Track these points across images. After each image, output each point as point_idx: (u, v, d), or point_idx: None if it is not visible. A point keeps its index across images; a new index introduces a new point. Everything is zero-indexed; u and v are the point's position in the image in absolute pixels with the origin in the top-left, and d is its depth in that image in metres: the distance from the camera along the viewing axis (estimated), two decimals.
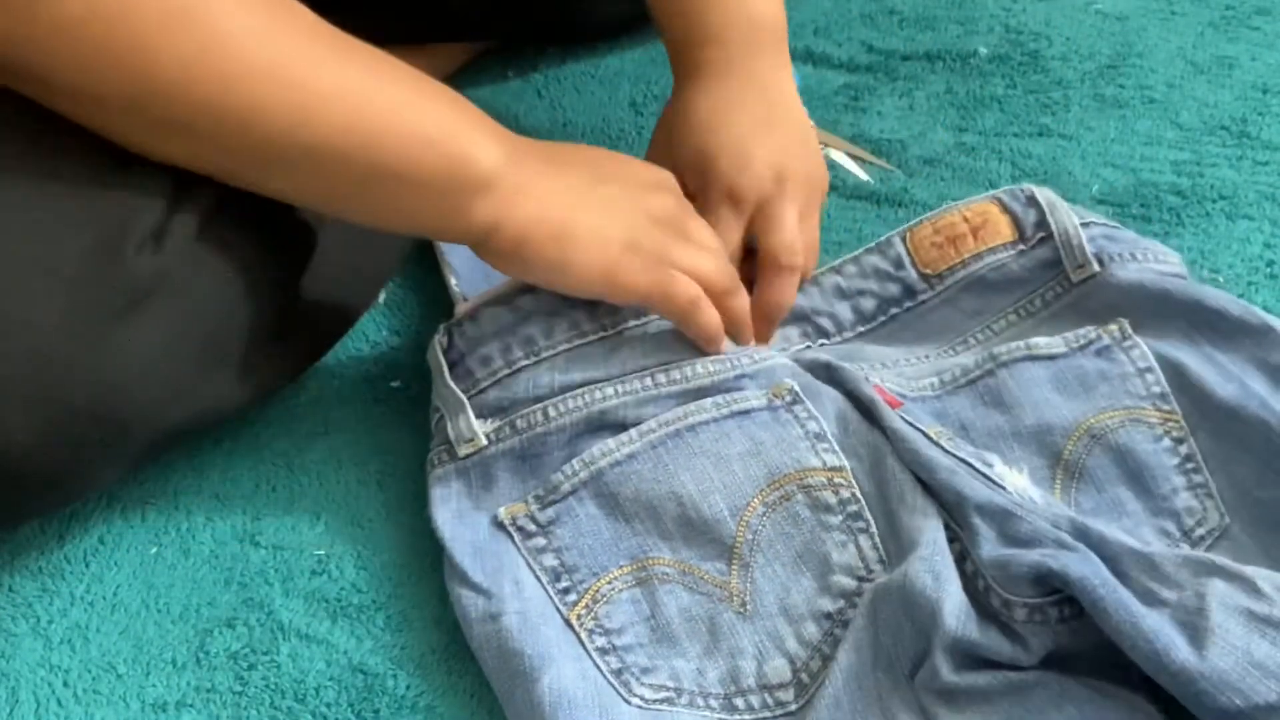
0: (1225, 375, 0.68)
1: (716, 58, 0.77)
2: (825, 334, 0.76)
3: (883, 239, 0.78)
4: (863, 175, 0.93)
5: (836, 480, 0.64)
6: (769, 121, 0.77)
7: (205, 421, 0.73)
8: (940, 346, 0.75)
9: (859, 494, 0.64)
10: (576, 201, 0.66)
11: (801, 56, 1.05)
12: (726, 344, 0.69)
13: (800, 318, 0.76)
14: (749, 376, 0.68)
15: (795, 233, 0.73)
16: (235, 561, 0.68)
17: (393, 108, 0.62)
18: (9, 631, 0.65)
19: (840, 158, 0.95)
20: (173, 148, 0.59)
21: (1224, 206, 0.88)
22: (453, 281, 0.80)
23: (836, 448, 0.65)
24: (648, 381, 0.67)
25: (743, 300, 0.70)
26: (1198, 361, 0.69)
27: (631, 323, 0.69)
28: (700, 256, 0.68)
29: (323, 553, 0.69)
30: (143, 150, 0.59)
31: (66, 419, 0.60)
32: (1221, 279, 0.82)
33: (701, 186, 0.74)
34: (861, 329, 0.76)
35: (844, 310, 0.77)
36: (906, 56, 1.04)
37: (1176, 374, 0.69)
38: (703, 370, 0.68)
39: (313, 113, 0.59)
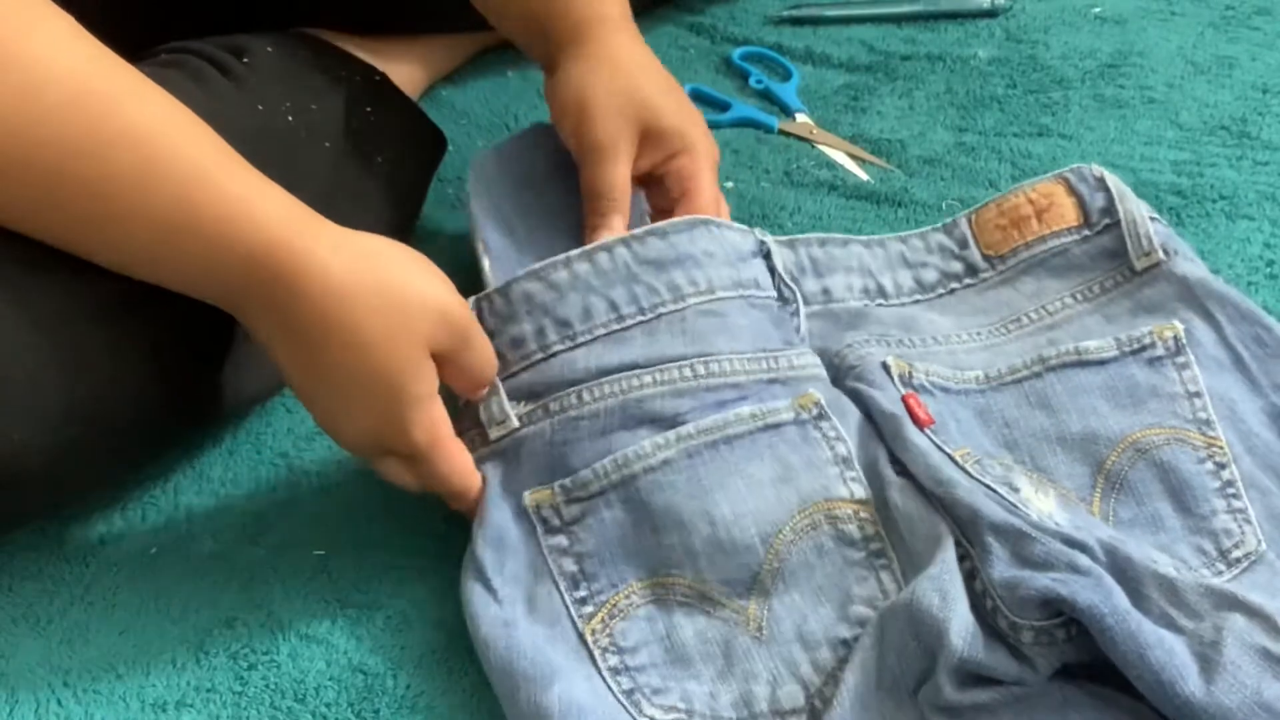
0: (1273, 413, 0.70)
1: (609, 13, 0.77)
2: (884, 294, 0.76)
3: (949, 220, 0.78)
4: (863, 175, 0.93)
5: (862, 515, 0.64)
6: (672, 84, 0.78)
7: (204, 423, 0.73)
8: (994, 323, 0.75)
9: (883, 531, 0.63)
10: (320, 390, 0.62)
11: (801, 56, 1.05)
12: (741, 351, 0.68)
13: (864, 271, 0.76)
14: (781, 383, 0.67)
15: (718, 194, 0.77)
16: (235, 561, 0.68)
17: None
18: (9, 631, 0.65)
19: (840, 158, 0.95)
20: None
21: (1224, 206, 0.88)
22: (485, 264, 0.77)
23: (863, 477, 0.65)
24: (686, 372, 0.66)
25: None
26: (1247, 396, 0.70)
27: (670, 306, 0.67)
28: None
29: (323, 553, 0.69)
30: None
31: (64, 419, 0.60)
32: (1221, 279, 0.82)
33: (626, 144, 0.75)
34: (919, 297, 0.77)
35: (905, 277, 0.77)
36: (906, 56, 1.04)
37: (1227, 407, 0.69)
38: (740, 367, 0.67)
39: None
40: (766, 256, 0.72)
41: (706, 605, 0.62)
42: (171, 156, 0.58)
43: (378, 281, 0.60)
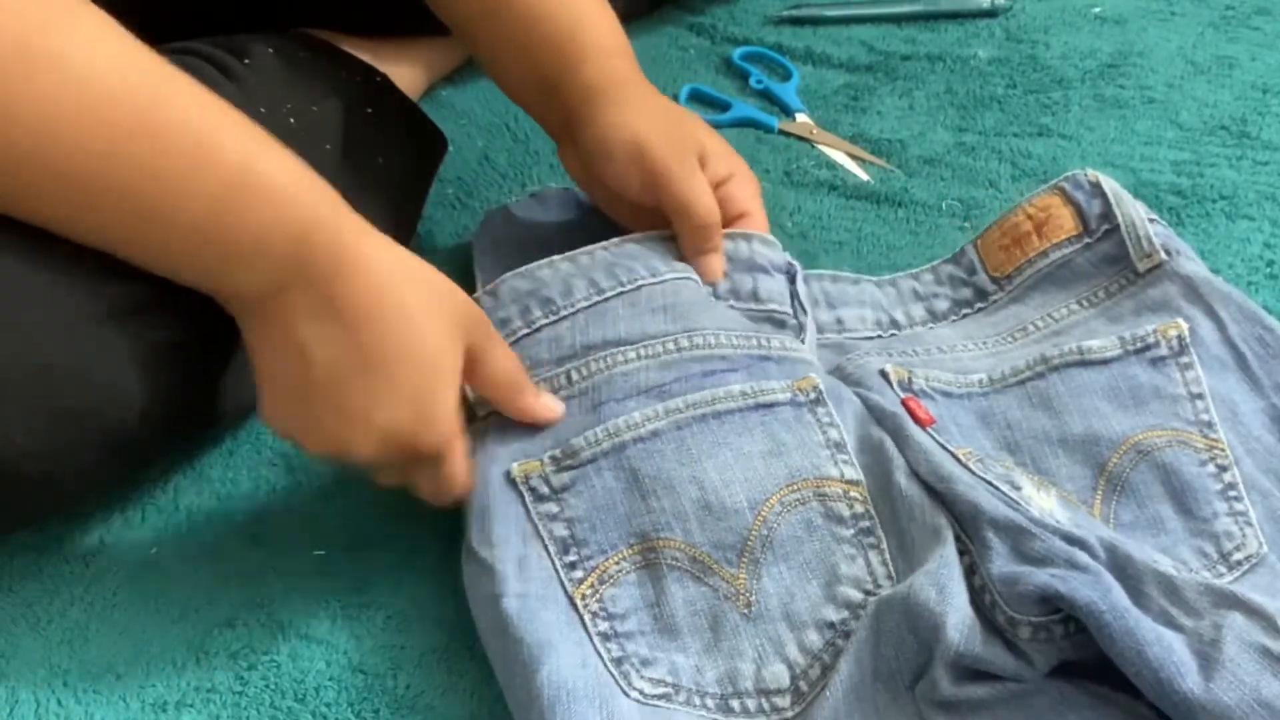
0: (1274, 415, 0.70)
1: (623, 72, 0.76)
2: (897, 325, 0.77)
3: (958, 250, 0.79)
4: (863, 175, 0.93)
5: (852, 494, 0.64)
6: (695, 121, 0.78)
7: (204, 424, 0.73)
8: (1000, 334, 0.75)
9: (873, 510, 0.64)
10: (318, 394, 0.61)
11: (801, 56, 1.05)
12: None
13: (876, 305, 0.77)
14: (774, 361, 0.68)
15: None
16: (235, 561, 0.68)
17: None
18: (9, 631, 0.65)
19: (840, 158, 0.95)
20: None
21: (1224, 206, 0.88)
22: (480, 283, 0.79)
23: (855, 461, 0.65)
24: (669, 345, 0.67)
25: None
26: (1249, 397, 0.70)
27: (648, 279, 0.69)
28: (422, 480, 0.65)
29: (323, 553, 0.69)
30: None
31: (65, 421, 0.60)
32: (1222, 279, 0.82)
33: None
34: (932, 325, 0.77)
35: (918, 310, 0.78)
36: (906, 56, 1.05)
37: (1228, 409, 0.69)
38: (726, 341, 0.68)
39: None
40: (792, 279, 0.74)
41: (697, 570, 0.62)
42: (219, 141, 0.59)
43: (416, 268, 0.62)
